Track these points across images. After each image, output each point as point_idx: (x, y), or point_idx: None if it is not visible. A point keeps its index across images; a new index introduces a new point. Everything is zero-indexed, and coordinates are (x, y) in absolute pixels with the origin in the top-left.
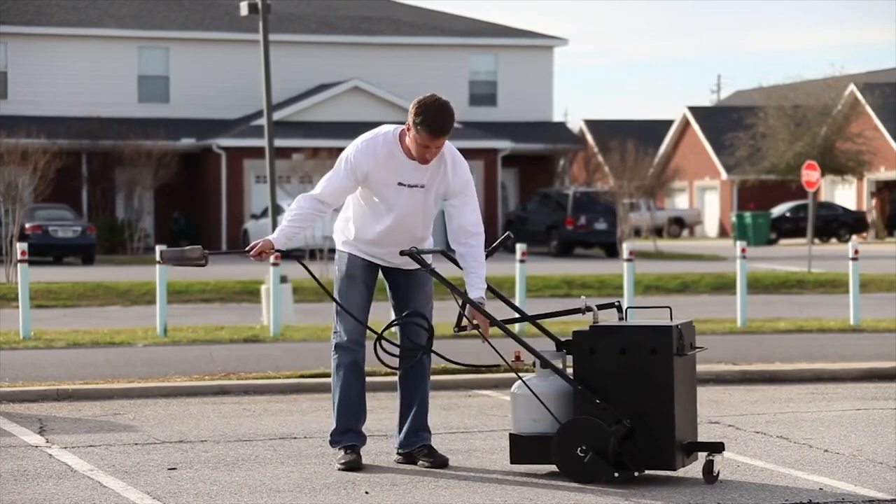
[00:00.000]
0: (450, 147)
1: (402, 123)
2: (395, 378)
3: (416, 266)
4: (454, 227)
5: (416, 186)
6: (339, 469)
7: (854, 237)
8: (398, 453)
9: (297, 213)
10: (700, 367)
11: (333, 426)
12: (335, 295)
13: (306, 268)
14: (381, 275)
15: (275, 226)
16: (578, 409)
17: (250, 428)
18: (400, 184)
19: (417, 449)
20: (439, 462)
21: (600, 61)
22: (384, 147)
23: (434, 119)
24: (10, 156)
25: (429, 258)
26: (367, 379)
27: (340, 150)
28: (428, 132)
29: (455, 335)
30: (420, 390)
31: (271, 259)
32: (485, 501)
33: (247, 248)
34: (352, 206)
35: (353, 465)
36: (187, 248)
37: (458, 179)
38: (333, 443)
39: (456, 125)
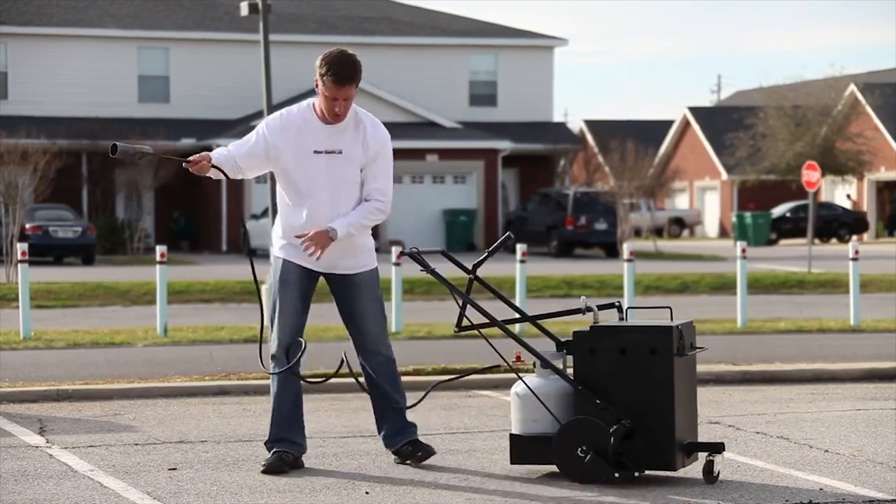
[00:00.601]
0: (368, 114)
1: (402, 124)
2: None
3: (356, 270)
4: (364, 192)
5: (333, 152)
6: (262, 472)
7: (854, 237)
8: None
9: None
10: (700, 368)
11: (268, 434)
12: (272, 301)
13: (253, 268)
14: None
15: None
16: (578, 410)
17: (250, 428)
18: (316, 151)
19: (404, 446)
20: (428, 452)
21: (600, 61)
22: (298, 114)
23: (339, 68)
24: (10, 156)
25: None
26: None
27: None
28: (334, 81)
29: (455, 335)
30: (397, 386)
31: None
32: (485, 501)
33: (188, 158)
34: (279, 201)
35: (275, 468)
36: (139, 144)
37: (377, 142)
38: (267, 448)
39: (456, 125)
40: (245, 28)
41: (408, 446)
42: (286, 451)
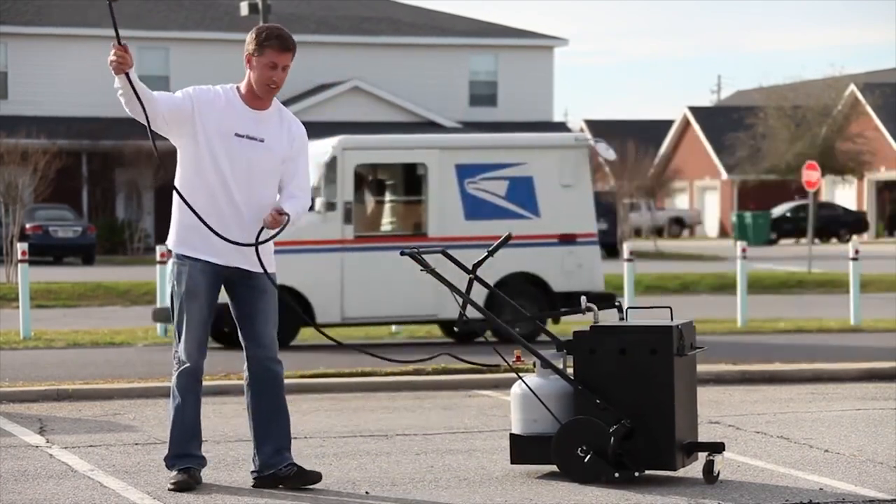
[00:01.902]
0: (282, 107)
1: (402, 123)
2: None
3: (258, 270)
4: (286, 191)
5: (255, 139)
6: (170, 489)
7: (854, 237)
8: (257, 477)
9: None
10: (700, 367)
11: (167, 450)
12: (175, 310)
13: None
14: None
15: None
16: (578, 409)
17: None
18: (238, 135)
19: (285, 468)
20: (313, 479)
21: (600, 61)
22: (224, 94)
23: (279, 33)
24: (10, 156)
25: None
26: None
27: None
28: (279, 46)
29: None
30: (281, 401)
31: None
32: (485, 501)
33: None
34: (179, 183)
35: (186, 486)
36: None
37: (301, 138)
38: (169, 466)
39: (456, 125)
40: (245, 28)
41: (292, 468)
42: (192, 466)
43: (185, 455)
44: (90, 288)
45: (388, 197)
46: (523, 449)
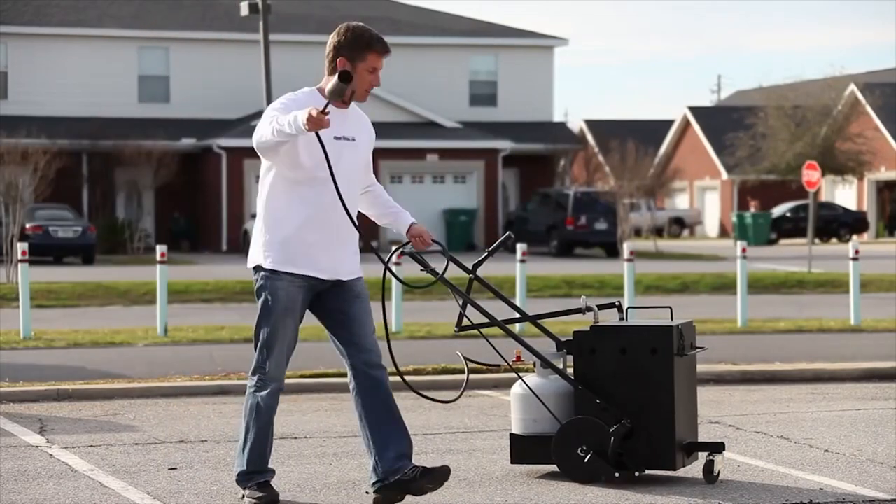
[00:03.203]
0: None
1: (403, 123)
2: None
3: (357, 274)
4: (382, 199)
5: (349, 139)
6: None
7: (854, 237)
8: (381, 486)
9: (273, 117)
10: (700, 367)
11: (242, 468)
12: (267, 325)
13: (379, 255)
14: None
15: None
16: (579, 409)
17: None
18: (336, 137)
19: (409, 471)
20: (443, 475)
21: (600, 61)
22: (310, 94)
23: (378, 35)
24: (10, 156)
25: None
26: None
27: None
28: (381, 48)
29: (455, 335)
30: (392, 405)
31: None
32: (485, 501)
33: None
34: (272, 197)
35: (270, 500)
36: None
37: (372, 132)
38: (243, 482)
39: (456, 125)
40: (245, 28)
41: (417, 469)
42: (269, 480)
43: (262, 471)
44: (90, 288)
45: None
46: (523, 449)
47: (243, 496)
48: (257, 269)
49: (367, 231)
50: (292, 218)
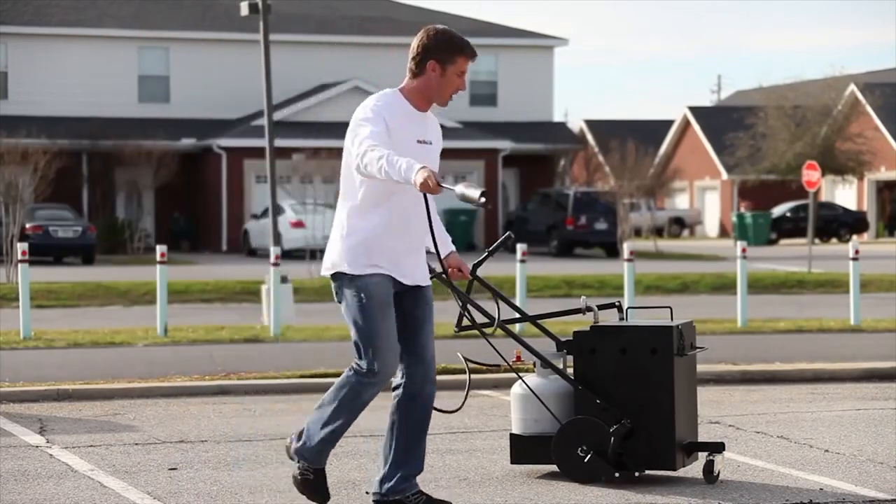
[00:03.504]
0: None
1: None
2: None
3: (427, 282)
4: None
5: (427, 143)
6: (298, 480)
7: (854, 237)
8: (379, 501)
9: (384, 152)
10: (700, 367)
11: (312, 444)
12: (365, 323)
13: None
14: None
15: (275, 226)
16: (579, 409)
17: (251, 428)
18: (419, 141)
19: (413, 496)
20: None
21: (600, 61)
22: (395, 97)
23: (465, 39)
24: (10, 156)
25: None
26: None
27: (341, 150)
28: (470, 52)
29: (455, 335)
30: (426, 426)
31: (272, 259)
32: (485, 501)
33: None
34: (353, 203)
35: (321, 485)
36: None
37: (440, 134)
38: (305, 456)
39: (456, 125)
40: (245, 28)
41: (422, 497)
42: (324, 469)
43: (322, 459)
44: (90, 288)
45: None
46: (523, 449)
47: (299, 467)
48: (339, 275)
49: None
50: (376, 223)
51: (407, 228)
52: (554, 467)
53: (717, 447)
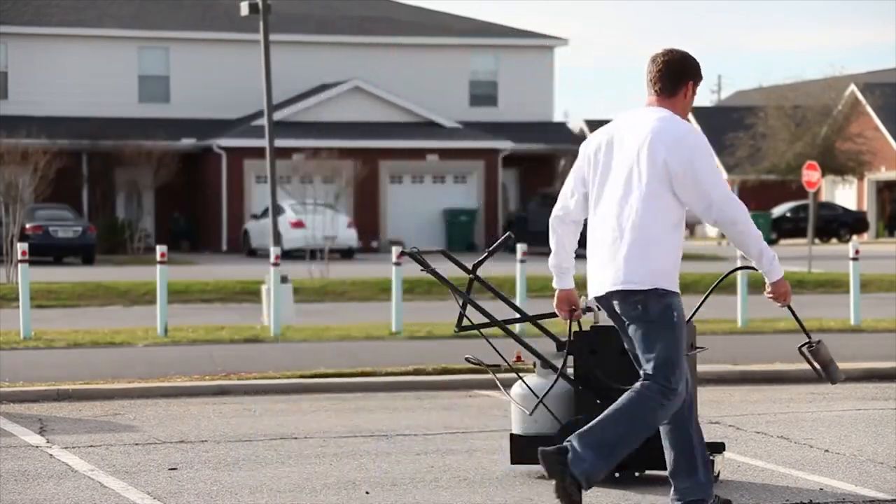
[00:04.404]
0: None
1: (403, 123)
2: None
3: None
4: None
5: None
6: None
7: (854, 237)
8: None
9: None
10: (700, 367)
11: (701, 481)
12: (669, 344)
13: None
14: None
15: (276, 226)
16: (579, 409)
17: (251, 428)
18: None
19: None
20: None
21: (600, 61)
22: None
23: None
24: (10, 156)
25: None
26: (373, 379)
27: (341, 150)
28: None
29: (455, 335)
30: (674, 435)
31: (272, 259)
32: (485, 501)
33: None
34: (668, 229)
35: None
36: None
37: None
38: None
39: (456, 125)
40: (245, 28)
41: None
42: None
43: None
44: (90, 288)
45: None
46: (523, 449)
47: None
48: (651, 291)
49: (367, 230)
50: (679, 244)
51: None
52: None
53: (718, 447)
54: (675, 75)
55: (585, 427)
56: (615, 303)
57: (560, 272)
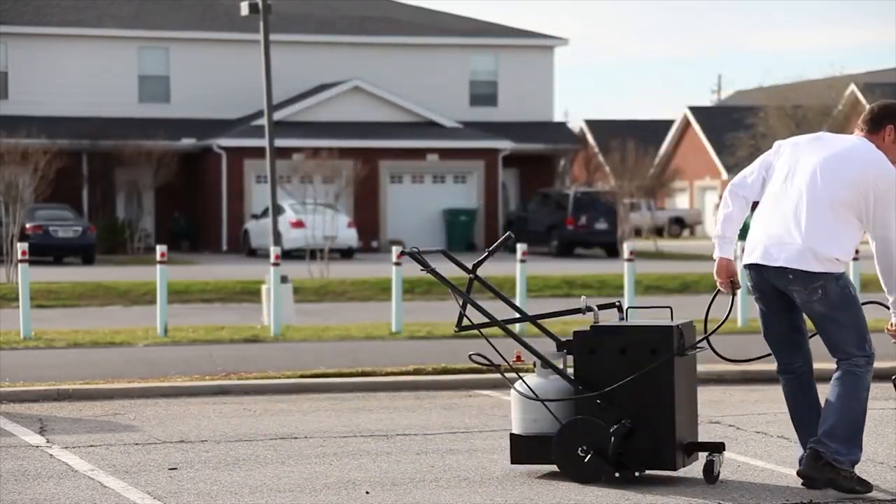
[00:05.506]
0: None
1: (403, 123)
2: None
3: None
4: None
5: None
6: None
7: None
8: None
9: None
10: (700, 367)
11: (856, 457)
12: (856, 316)
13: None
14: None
15: (276, 226)
16: (579, 409)
17: (251, 428)
18: None
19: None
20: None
21: (600, 61)
22: None
23: None
24: (11, 156)
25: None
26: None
27: (341, 150)
28: None
29: (455, 335)
30: (803, 402)
31: (272, 259)
32: (485, 501)
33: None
34: (845, 222)
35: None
36: None
37: None
38: (845, 461)
39: (456, 125)
40: (245, 28)
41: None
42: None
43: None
44: (90, 288)
45: None
46: (523, 449)
47: (843, 473)
48: (825, 275)
49: (367, 230)
50: (852, 234)
51: None
52: (554, 467)
53: (718, 447)
54: (881, 122)
55: (825, 428)
56: (789, 278)
57: (723, 241)
